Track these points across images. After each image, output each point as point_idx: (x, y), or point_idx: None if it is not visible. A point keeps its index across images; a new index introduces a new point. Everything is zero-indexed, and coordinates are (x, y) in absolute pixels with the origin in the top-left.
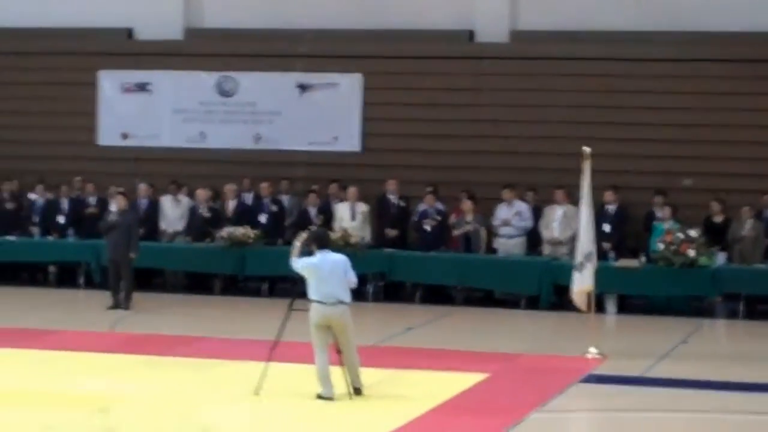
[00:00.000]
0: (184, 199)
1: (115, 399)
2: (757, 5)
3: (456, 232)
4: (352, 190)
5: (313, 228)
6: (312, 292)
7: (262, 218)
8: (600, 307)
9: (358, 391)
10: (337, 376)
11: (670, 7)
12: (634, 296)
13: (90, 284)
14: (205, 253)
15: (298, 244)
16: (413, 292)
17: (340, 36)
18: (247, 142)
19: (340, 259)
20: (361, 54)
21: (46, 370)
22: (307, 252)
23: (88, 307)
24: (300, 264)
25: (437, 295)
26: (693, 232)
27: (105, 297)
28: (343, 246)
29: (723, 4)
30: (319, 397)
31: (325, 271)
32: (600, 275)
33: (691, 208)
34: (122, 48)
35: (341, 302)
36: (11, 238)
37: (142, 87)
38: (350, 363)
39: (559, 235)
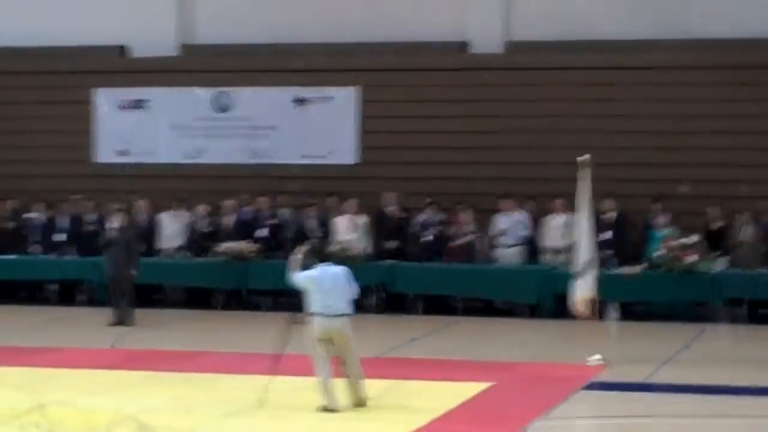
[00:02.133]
0: (183, 215)
1: (117, 415)
2: (753, 12)
3: (455, 243)
4: (351, 203)
5: (313, 241)
6: (313, 305)
7: (261, 232)
8: (601, 314)
9: (362, 403)
10: (341, 388)
11: (666, 14)
12: (636, 303)
13: (91, 301)
14: (205, 268)
15: (297, 257)
16: (415, 303)
17: (335, 50)
18: (244, 156)
19: (340, 270)
20: (357, 67)
21: (48, 387)
22: (308, 265)
23: (89, 324)
24: (300, 277)
25: (439, 306)
26: (692, 238)
27: (106, 314)
28: (343, 258)
29: (720, 11)
30: (324, 409)
31: (326, 284)
32: (601, 282)
33: (689, 214)
34: (117, 65)
35: (343, 314)
36: (11, 257)
37: (138, 104)
38: (353, 374)
39: (559, 244)
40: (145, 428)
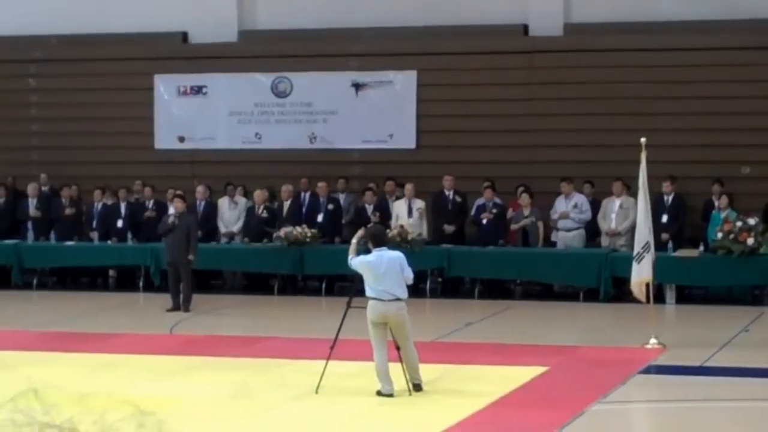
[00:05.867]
0: (241, 200)
1: (176, 400)
2: None
3: (514, 227)
4: (408, 187)
5: (371, 226)
6: (369, 290)
7: (320, 217)
8: (659, 298)
9: (417, 388)
10: (397, 372)
11: None
12: (694, 286)
13: (149, 287)
14: (263, 253)
15: (354, 242)
16: (472, 287)
17: (393, 34)
18: (303, 141)
19: (396, 255)
20: (415, 51)
21: (107, 373)
22: (363, 250)
23: (147, 310)
24: (356, 262)
25: (496, 290)
26: (752, 221)
27: (164, 300)
28: (401, 243)
29: None
30: (379, 393)
31: (381, 269)
32: (659, 265)
33: (750, 196)
34: (177, 52)
35: (398, 299)
36: (71, 243)
37: (197, 90)
38: (408, 359)
39: (618, 227)
40: (142, 413)
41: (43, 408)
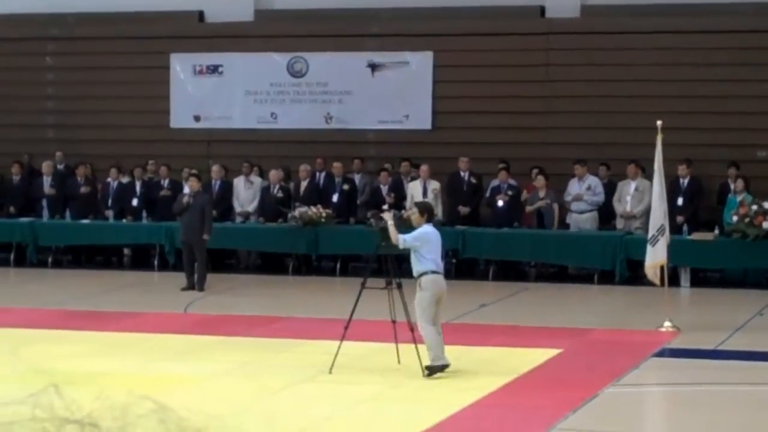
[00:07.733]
0: (257, 180)
1: (189, 379)
2: None
3: (529, 209)
4: (424, 168)
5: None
6: (426, 264)
7: (334, 197)
8: (674, 281)
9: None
10: (410, 353)
11: None
12: (709, 269)
13: (164, 266)
14: (278, 233)
15: (391, 223)
16: (486, 268)
17: (410, 14)
18: (319, 122)
19: (438, 232)
20: (432, 32)
21: (122, 352)
22: (403, 230)
23: (162, 288)
24: (413, 236)
25: (510, 272)
26: (767, 204)
27: (179, 279)
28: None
29: None
30: (432, 369)
31: (434, 242)
32: (674, 248)
33: (766, 180)
34: (194, 31)
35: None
36: (86, 221)
37: (213, 69)
38: (440, 336)
39: (633, 210)
40: (163, 409)
41: (63, 403)
